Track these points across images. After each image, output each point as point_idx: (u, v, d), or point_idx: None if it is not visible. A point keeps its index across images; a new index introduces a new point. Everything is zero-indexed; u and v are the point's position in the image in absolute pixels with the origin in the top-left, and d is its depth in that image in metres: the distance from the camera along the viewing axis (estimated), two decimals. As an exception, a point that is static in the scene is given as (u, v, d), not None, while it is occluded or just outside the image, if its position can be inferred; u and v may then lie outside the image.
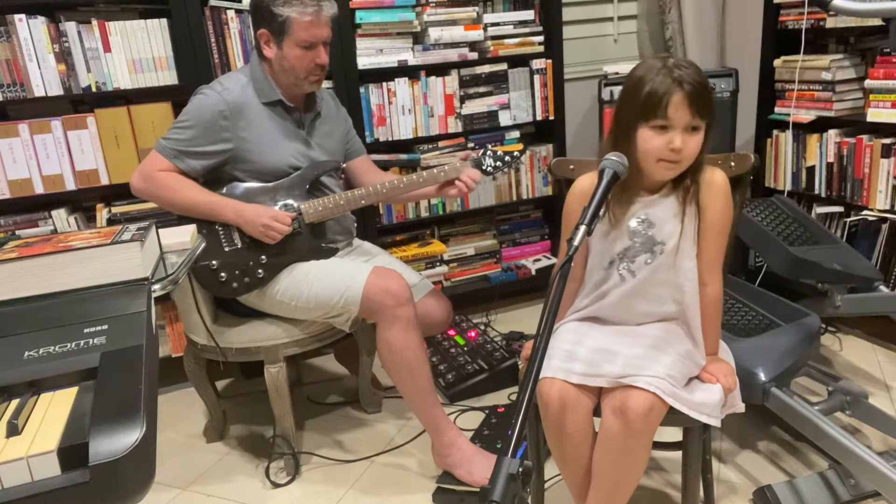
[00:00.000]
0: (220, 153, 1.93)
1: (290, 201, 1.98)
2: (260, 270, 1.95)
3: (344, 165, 2.20)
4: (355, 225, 2.24)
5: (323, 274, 1.95)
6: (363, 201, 2.03)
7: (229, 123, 1.92)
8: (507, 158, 2.10)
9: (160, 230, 1.40)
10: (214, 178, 1.97)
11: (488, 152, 2.10)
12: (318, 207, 1.99)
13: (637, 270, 1.47)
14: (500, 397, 2.38)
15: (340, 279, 1.92)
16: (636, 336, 1.44)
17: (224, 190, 1.96)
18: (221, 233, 1.94)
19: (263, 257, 1.95)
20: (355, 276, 1.91)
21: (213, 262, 1.93)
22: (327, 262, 2.01)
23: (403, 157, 2.76)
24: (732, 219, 1.49)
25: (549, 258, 3.10)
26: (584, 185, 1.50)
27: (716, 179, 1.44)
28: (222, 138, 1.92)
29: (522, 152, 2.17)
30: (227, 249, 1.94)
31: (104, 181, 2.35)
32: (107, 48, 2.29)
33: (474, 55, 2.76)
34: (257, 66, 1.99)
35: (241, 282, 1.95)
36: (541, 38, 2.85)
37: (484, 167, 2.09)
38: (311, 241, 2.01)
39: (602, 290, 1.51)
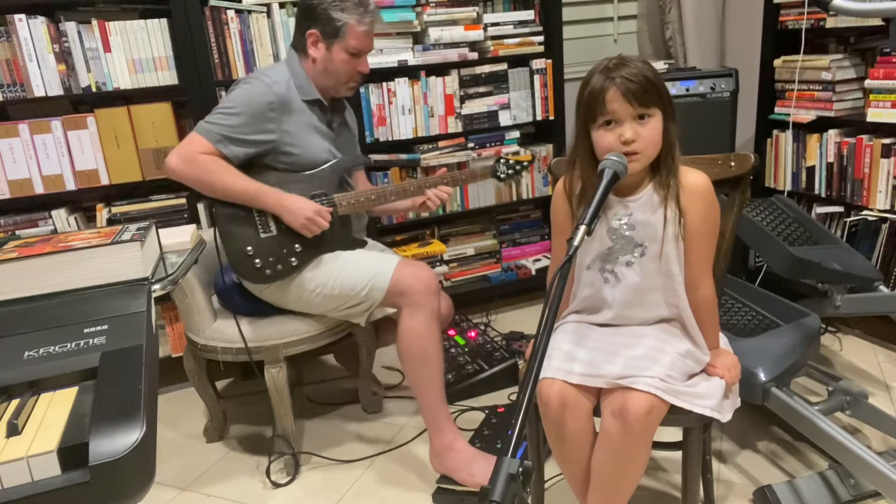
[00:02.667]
0: (263, 143, 1.94)
1: (323, 192, 2.00)
2: (293, 259, 1.95)
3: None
4: (366, 228, 2.25)
5: (353, 262, 1.98)
6: (393, 197, 2.06)
7: (276, 115, 1.93)
8: (518, 167, 2.19)
9: (160, 230, 1.40)
10: (248, 165, 1.96)
11: (502, 160, 2.19)
12: (350, 200, 2.01)
13: (619, 272, 1.46)
14: (500, 397, 2.38)
15: (370, 266, 1.96)
16: (635, 336, 1.44)
17: (261, 176, 1.96)
18: (258, 219, 1.95)
19: (298, 246, 1.95)
20: (384, 264, 1.95)
21: (249, 248, 1.94)
22: (355, 252, 2.04)
23: (403, 157, 2.76)
24: (719, 221, 1.47)
25: (550, 258, 3.10)
26: (562, 186, 1.52)
27: (695, 182, 1.42)
28: (267, 129, 1.93)
29: (531, 161, 2.26)
30: (262, 236, 1.95)
31: (104, 181, 2.35)
32: (107, 48, 2.29)
33: (474, 55, 2.76)
34: (297, 63, 2.00)
35: (274, 269, 1.95)
36: (541, 38, 2.86)
37: (498, 173, 2.18)
38: (343, 232, 2.03)
39: (589, 295, 1.51)
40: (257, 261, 1.94)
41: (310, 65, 2.00)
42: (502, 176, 2.18)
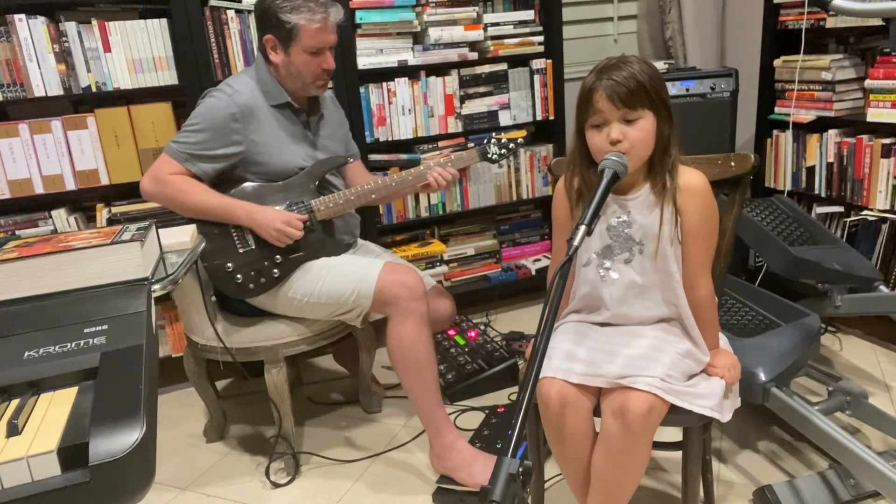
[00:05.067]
0: (232, 156, 1.93)
1: (300, 199, 1.98)
2: (275, 270, 1.95)
3: (350, 160, 2.20)
4: (358, 228, 2.24)
5: (336, 269, 1.96)
6: (373, 195, 2.03)
7: (240, 126, 1.92)
8: (511, 146, 2.12)
9: (160, 230, 1.40)
10: (223, 179, 1.97)
11: (493, 140, 2.12)
12: (328, 204, 2.00)
13: (615, 269, 1.46)
14: (500, 397, 2.38)
15: (354, 273, 1.93)
16: (636, 336, 1.44)
17: (234, 190, 1.96)
18: (235, 235, 1.94)
19: (278, 257, 1.95)
20: (368, 270, 1.92)
21: (229, 265, 1.93)
22: (339, 258, 2.02)
23: (403, 157, 2.76)
24: (717, 221, 1.47)
25: (549, 258, 3.09)
26: (562, 184, 1.52)
27: (692, 181, 1.42)
28: (233, 141, 1.92)
29: (525, 138, 2.18)
30: (241, 251, 1.94)
31: (104, 181, 2.35)
32: (107, 48, 2.29)
33: (474, 55, 2.76)
34: (264, 68, 1.98)
35: (257, 282, 1.95)
36: (541, 38, 2.85)
37: (490, 156, 2.11)
38: (324, 238, 2.01)
39: (587, 293, 1.51)
40: (238, 276, 1.94)
41: (274, 69, 1.97)
42: (494, 157, 2.10)
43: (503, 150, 2.11)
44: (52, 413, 0.94)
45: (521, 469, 0.85)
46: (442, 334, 2.66)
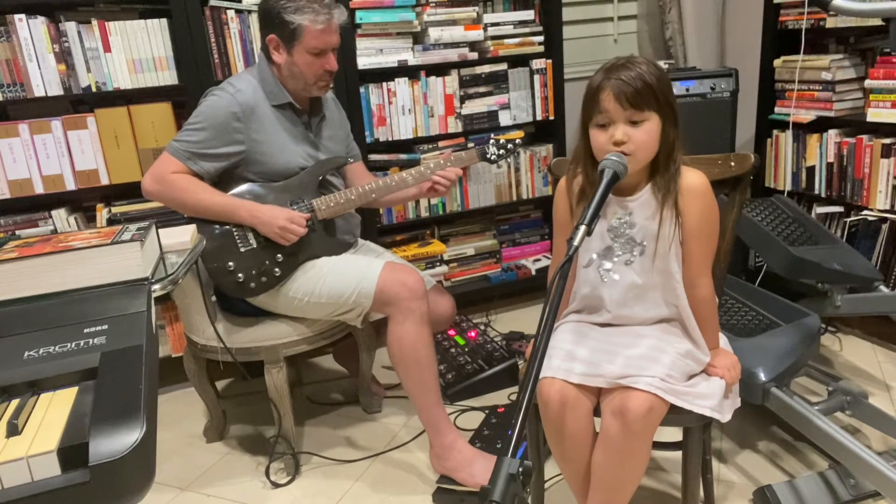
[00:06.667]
0: (233, 155, 1.93)
1: (301, 199, 1.98)
2: (277, 269, 1.95)
3: (350, 160, 2.20)
4: (359, 227, 2.24)
5: (337, 269, 1.96)
6: (374, 195, 2.04)
7: (242, 125, 1.92)
8: (509, 146, 2.14)
9: (160, 230, 1.40)
10: (224, 179, 1.97)
11: (491, 141, 2.13)
12: (329, 203, 2.00)
13: (616, 271, 1.46)
14: (500, 397, 2.38)
15: (354, 273, 1.93)
16: (636, 336, 1.44)
17: (234, 190, 1.96)
18: (236, 234, 1.94)
19: (279, 256, 1.95)
20: (369, 270, 1.93)
21: (230, 264, 1.93)
22: (340, 258, 2.02)
23: (403, 157, 2.76)
24: (718, 221, 1.47)
25: (549, 258, 3.10)
26: (564, 183, 1.52)
27: (693, 182, 1.42)
28: (235, 140, 1.92)
29: (523, 139, 2.20)
30: (242, 250, 1.94)
31: (104, 181, 2.35)
32: (107, 48, 2.29)
33: (474, 55, 2.76)
34: (266, 68, 1.98)
35: (258, 282, 1.95)
36: (541, 38, 2.85)
37: (489, 156, 2.12)
38: (325, 237, 2.02)
39: (587, 294, 1.50)
40: (240, 275, 1.93)
41: (276, 69, 1.97)
42: (493, 158, 2.12)
43: (502, 151, 2.13)
44: (52, 413, 0.94)
45: (521, 469, 0.85)
46: (442, 334, 2.66)
